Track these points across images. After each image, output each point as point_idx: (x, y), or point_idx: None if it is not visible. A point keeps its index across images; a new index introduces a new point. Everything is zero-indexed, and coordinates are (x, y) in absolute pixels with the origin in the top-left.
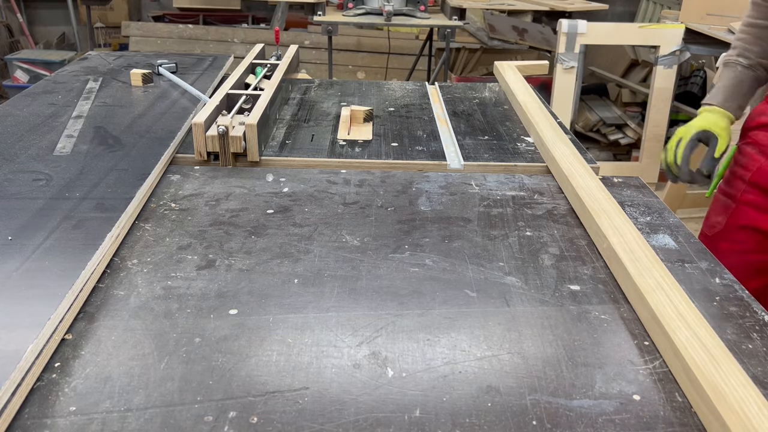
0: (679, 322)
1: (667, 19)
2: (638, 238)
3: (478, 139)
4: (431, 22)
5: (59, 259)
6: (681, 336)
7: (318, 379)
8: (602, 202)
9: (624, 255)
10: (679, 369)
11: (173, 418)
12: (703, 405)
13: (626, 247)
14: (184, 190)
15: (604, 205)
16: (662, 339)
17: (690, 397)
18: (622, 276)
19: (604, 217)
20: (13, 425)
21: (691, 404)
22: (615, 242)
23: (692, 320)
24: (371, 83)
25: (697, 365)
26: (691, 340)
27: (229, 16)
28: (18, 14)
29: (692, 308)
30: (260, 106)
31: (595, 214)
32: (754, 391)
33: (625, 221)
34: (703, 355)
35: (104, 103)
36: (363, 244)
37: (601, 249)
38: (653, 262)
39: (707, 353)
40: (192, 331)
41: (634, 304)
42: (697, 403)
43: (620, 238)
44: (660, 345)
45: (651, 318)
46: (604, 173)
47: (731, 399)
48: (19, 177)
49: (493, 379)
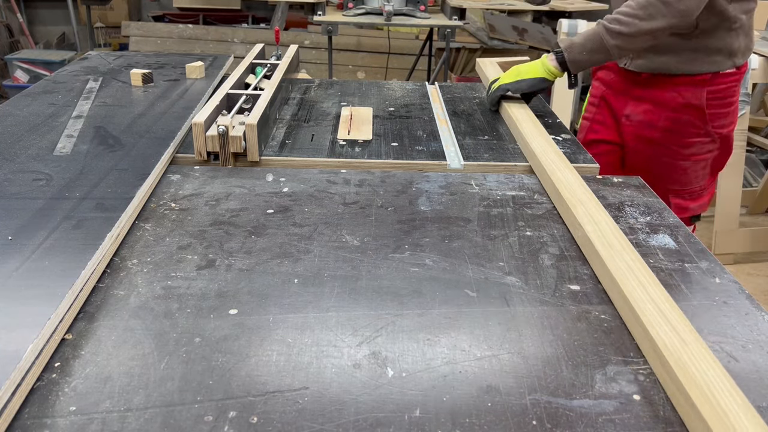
0: (648, 304)
1: None
2: (612, 227)
3: (478, 138)
4: (431, 22)
5: (59, 259)
6: (648, 314)
7: (318, 379)
8: (579, 194)
9: (597, 241)
10: (647, 346)
11: (173, 418)
12: (667, 377)
13: (600, 234)
14: (184, 190)
15: (581, 196)
16: (630, 317)
17: (656, 370)
18: (595, 260)
19: (580, 208)
20: (13, 425)
21: (657, 377)
22: (590, 230)
23: (659, 299)
24: (371, 83)
25: (662, 340)
26: (657, 317)
27: (229, 16)
28: (18, 14)
29: (660, 289)
30: (260, 106)
31: (571, 204)
32: (715, 363)
33: (601, 211)
34: (667, 329)
35: (104, 103)
36: (363, 244)
37: (577, 237)
38: (625, 248)
39: (671, 328)
40: (192, 331)
41: (606, 286)
42: (662, 376)
43: (595, 226)
44: (629, 322)
45: (620, 298)
46: None
47: (694, 370)
48: (19, 177)
49: (493, 379)
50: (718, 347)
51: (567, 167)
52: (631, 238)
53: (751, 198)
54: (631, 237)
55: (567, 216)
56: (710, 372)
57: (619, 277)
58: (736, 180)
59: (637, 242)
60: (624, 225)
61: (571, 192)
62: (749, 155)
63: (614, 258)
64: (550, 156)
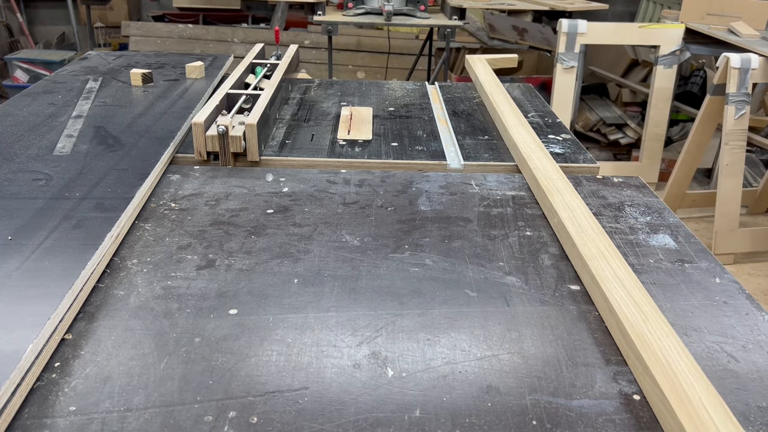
0: (615, 283)
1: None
2: (587, 214)
3: (478, 138)
4: (431, 22)
5: (59, 259)
6: (616, 295)
7: (318, 379)
8: (556, 182)
9: (571, 227)
10: (613, 324)
11: (173, 418)
12: (631, 354)
13: (575, 221)
14: (184, 190)
15: (558, 184)
16: (600, 299)
17: (622, 349)
18: (569, 246)
19: (557, 195)
20: (13, 425)
21: (624, 357)
22: (564, 216)
23: (627, 281)
24: (371, 83)
25: (627, 318)
26: (625, 298)
27: (229, 15)
28: (18, 14)
29: (629, 272)
30: (260, 106)
31: (548, 192)
32: (676, 340)
33: (576, 198)
34: (633, 310)
35: (104, 103)
36: (363, 243)
37: (553, 224)
38: (598, 234)
39: (638, 309)
40: (192, 331)
41: (579, 270)
42: (627, 353)
43: (570, 213)
44: (598, 304)
45: (592, 282)
46: (604, 173)
47: (655, 347)
48: (19, 177)
49: (493, 379)
50: (718, 347)
51: (547, 158)
52: (631, 238)
53: (751, 198)
54: (631, 237)
55: (543, 203)
56: (666, 341)
57: (593, 265)
58: (736, 180)
59: (637, 242)
60: (624, 225)
61: (548, 179)
62: (749, 155)
63: (587, 244)
64: (532, 148)
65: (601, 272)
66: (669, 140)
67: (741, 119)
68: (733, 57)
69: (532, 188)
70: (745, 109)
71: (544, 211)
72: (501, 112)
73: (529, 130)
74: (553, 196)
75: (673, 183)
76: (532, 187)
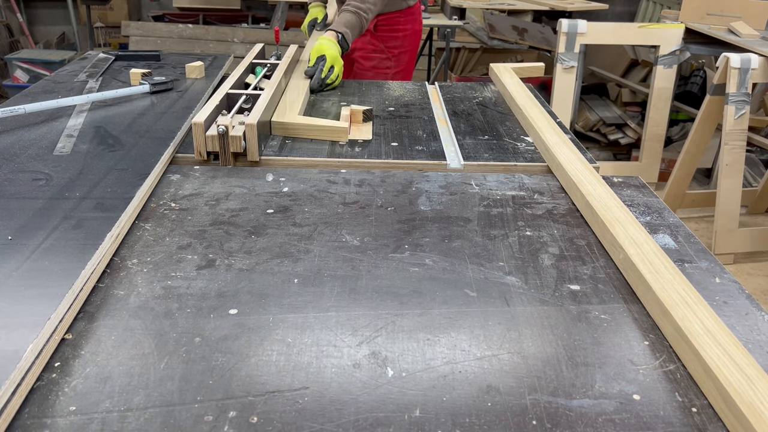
0: (707, 338)
1: (667, 18)
2: (656, 249)
3: (478, 138)
4: (431, 22)
5: (59, 259)
6: (712, 354)
7: (318, 378)
8: (615, 211)
9: (643, 267)
10: (713, 389)
11: (173, 417)
12: (737, 423)
13: (645, 260)
14: (184, 190)
15: (617, 213)
16: (691, 357)
17: (724, 418)
18: (642, 289)
19: (618, 227)
20: (13, 425)
21: (728, 428)
22: (632, 253)
23: (720, 336)
24: (371, 83)
25: (732, 386)
26: (723, 359)
27: (229, 15)
28: (18, 14)
29: (719, 324)
30: (260, 106)
31: (608, 223)
32: None
33: (640, 230)
34: (736, 374)
35: (104, 103)
36: (363, 243)
37: (617, 260)
38: (674, 275)
39: (741, 372)
40: (192, 331)
41: (657, 319)
42: (732, 424)
43: (637, 249)
44: (688, 364)
45: (677, 334)
46: (604, 173)
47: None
48: (19, 177)
49: (493, 379)
50: None
51: (597, 180)
52: None
53: (751, 198)
54: None
55: (604, 235)
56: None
57: (676, 314)
58: (736, 180)
59: None
60: None
61: (606, 208)
62: (749, 155)
63: (665, 288)
64: (580, 170)
65: (688, 324)
66: (669, 140)
67: (741, 119)
68: (733, 57)
69: (584, 215)
70: (745, 109)
71: (603, 244)
72: (539, 129)
73: (572, 147)
74: (615, 228)
75: (672, 183)
76: (585, 215)
